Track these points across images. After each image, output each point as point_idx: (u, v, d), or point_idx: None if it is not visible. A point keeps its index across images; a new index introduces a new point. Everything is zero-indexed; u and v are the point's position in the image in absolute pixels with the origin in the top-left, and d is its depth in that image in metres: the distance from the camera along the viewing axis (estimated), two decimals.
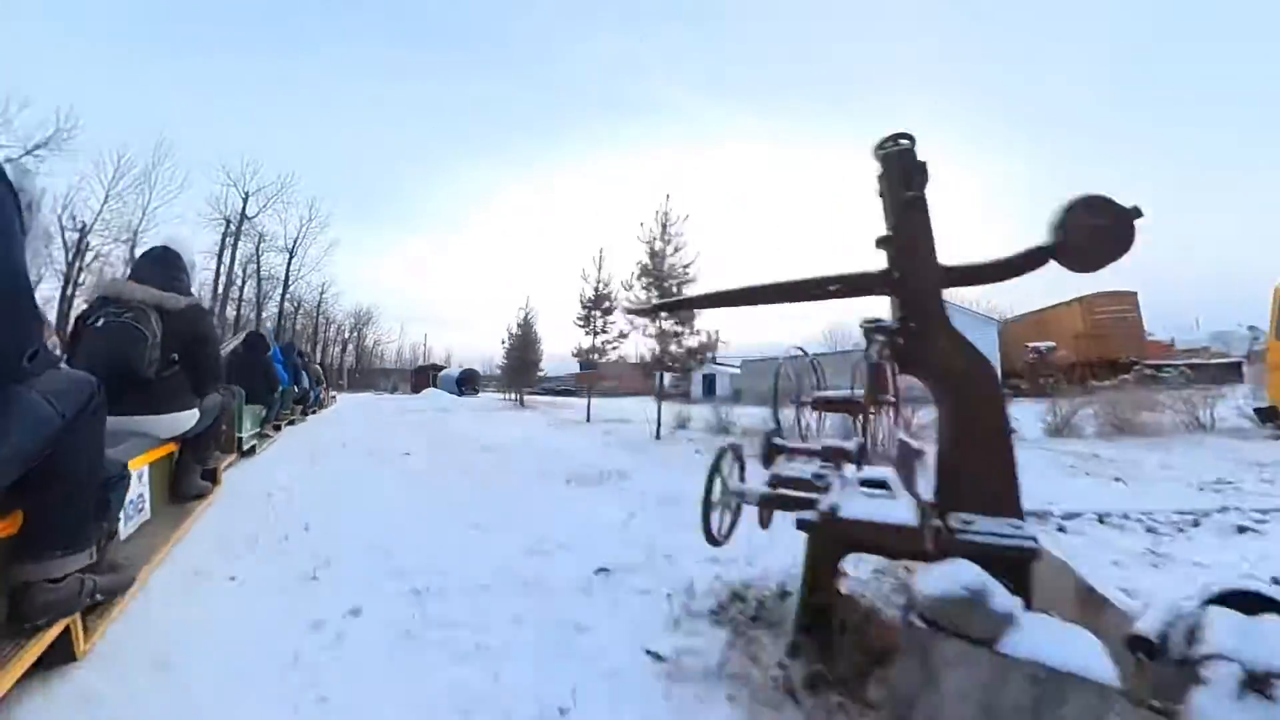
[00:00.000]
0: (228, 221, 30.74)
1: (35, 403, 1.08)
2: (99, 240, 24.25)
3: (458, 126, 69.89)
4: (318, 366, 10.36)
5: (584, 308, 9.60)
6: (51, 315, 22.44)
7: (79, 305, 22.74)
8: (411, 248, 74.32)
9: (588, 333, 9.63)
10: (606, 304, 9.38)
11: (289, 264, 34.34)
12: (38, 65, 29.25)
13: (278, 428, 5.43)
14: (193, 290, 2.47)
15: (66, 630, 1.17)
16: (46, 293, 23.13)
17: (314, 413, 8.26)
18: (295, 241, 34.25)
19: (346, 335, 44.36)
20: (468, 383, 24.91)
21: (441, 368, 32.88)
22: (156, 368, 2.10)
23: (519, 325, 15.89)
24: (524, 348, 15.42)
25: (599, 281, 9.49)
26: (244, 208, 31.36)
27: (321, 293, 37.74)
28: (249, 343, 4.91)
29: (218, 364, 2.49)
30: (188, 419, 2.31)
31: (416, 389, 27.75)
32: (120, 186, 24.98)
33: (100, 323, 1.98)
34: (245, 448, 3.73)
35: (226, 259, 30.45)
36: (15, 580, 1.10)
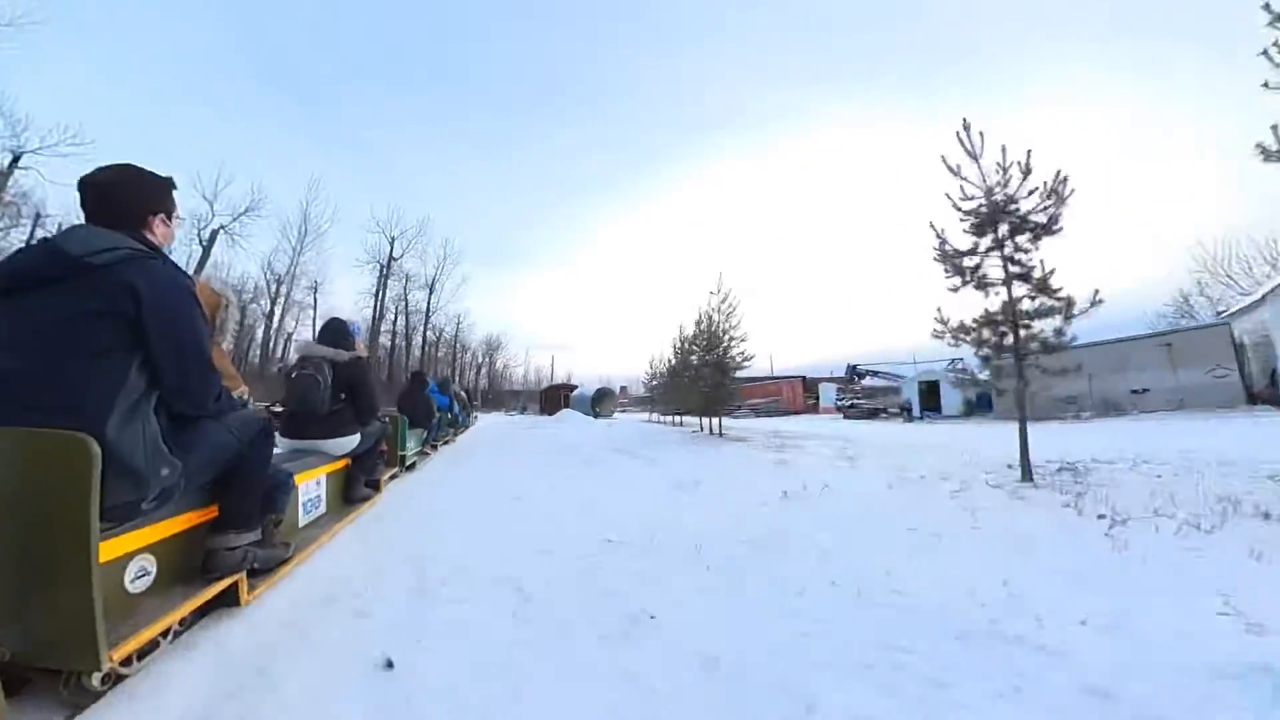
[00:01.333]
0: (380, 266, 38.59)
1: (219, 431, 1.68)
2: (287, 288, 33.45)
3: (562, 171, 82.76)
4: (463, 393, 12.23)
5: (972, 229, 4.61)
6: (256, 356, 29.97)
7: (292, 349, 30.78)
8: (530, 281, 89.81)
9: (966, 281, 4.66)
10: (1018, 216, 4.36)
11: (429, 299, 42.05)
12: (235, 147, 43.15)
13: (435, 447, 6.77)
14: (356, 345, 3.36)
15: (236, 584, 1.76)
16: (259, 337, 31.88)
17: (462, 433, 10.03)
18: (433, 278, 41.99)
19: (480, 361, 52.89)
20: (602, 402, 24.91)
21: (572, 387, 33.25)
22: (329, 405, 2.92)
23: (706, 317, 10.20)
24: (711, 346, 9.86)
25: (999, 168, 4.45)
26: (391, 250, 39.34)
27: (458, 323, 45.65)
28: (413, 380, 6.36)
29: (374, 400, 3.30)
30: (352, 441, 3.13)
31: (548, 410, 28.19)
32: (304, 246, 34.23)
33: (295, 375, 2.89)
34: (408, 464, 4.76)
35: (380, 297, 38.50)
36: (209, 546, 1.71)
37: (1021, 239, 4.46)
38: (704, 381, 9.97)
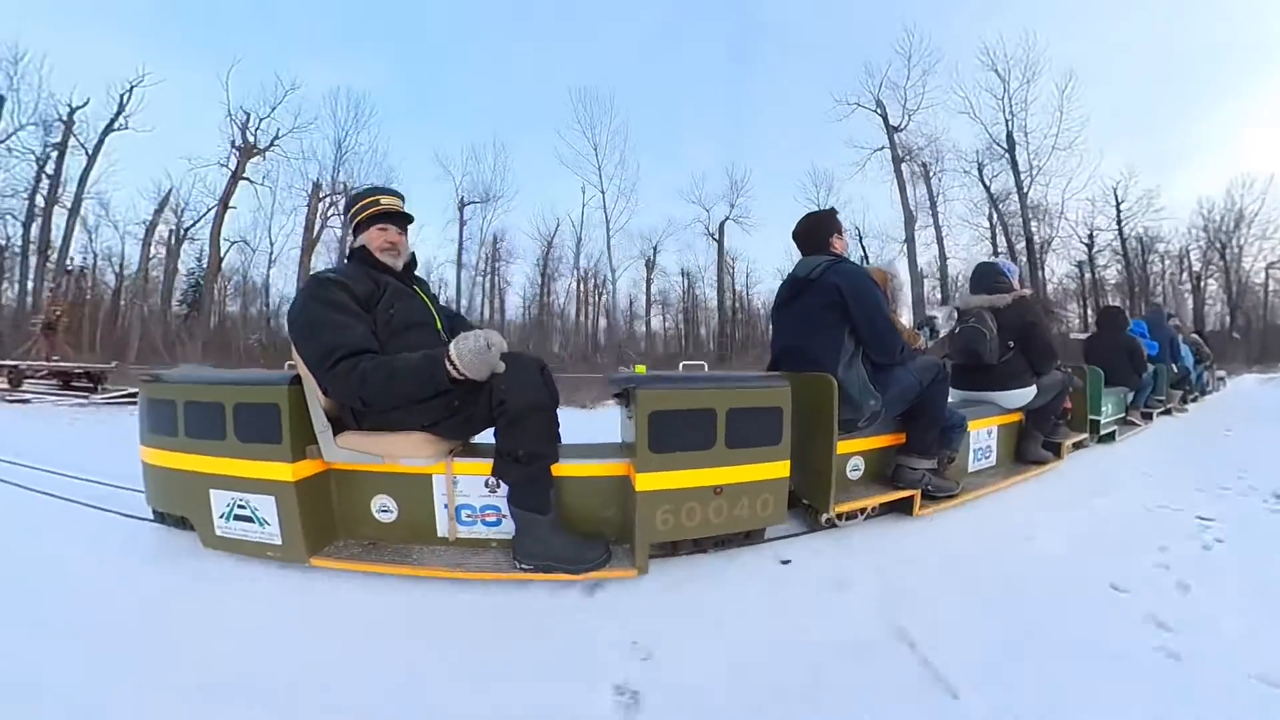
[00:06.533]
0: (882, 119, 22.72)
1: (905, 374, 2.14)
2: None
3: None
4: (1197, 337, 7.46)
5: None
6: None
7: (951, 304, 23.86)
8: None
9: None
10: None
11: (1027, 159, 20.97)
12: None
13: (1148, 416, 4.86)
14: (1015, 285, 3.06)
15: (912, 498, 2.23)
16: None
17: (1195, 400, 6.17)
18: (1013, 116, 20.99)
19: (1199, 266, 23.45)
20: None
21: None
22: (997, 355, 2.90)
23: None
24: None
25: None
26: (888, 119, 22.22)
27: (1115, 195, 21.46)
28: (1103, 320, 4.75)
29: (1048, 345, 2.95)
30: (1026, 395, 2.96)
31: None
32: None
33: (958, 329, 3.00)
34: (1102, 433, 3.86)
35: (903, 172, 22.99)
36: (897, 463, 2.25)
37: None
38: None
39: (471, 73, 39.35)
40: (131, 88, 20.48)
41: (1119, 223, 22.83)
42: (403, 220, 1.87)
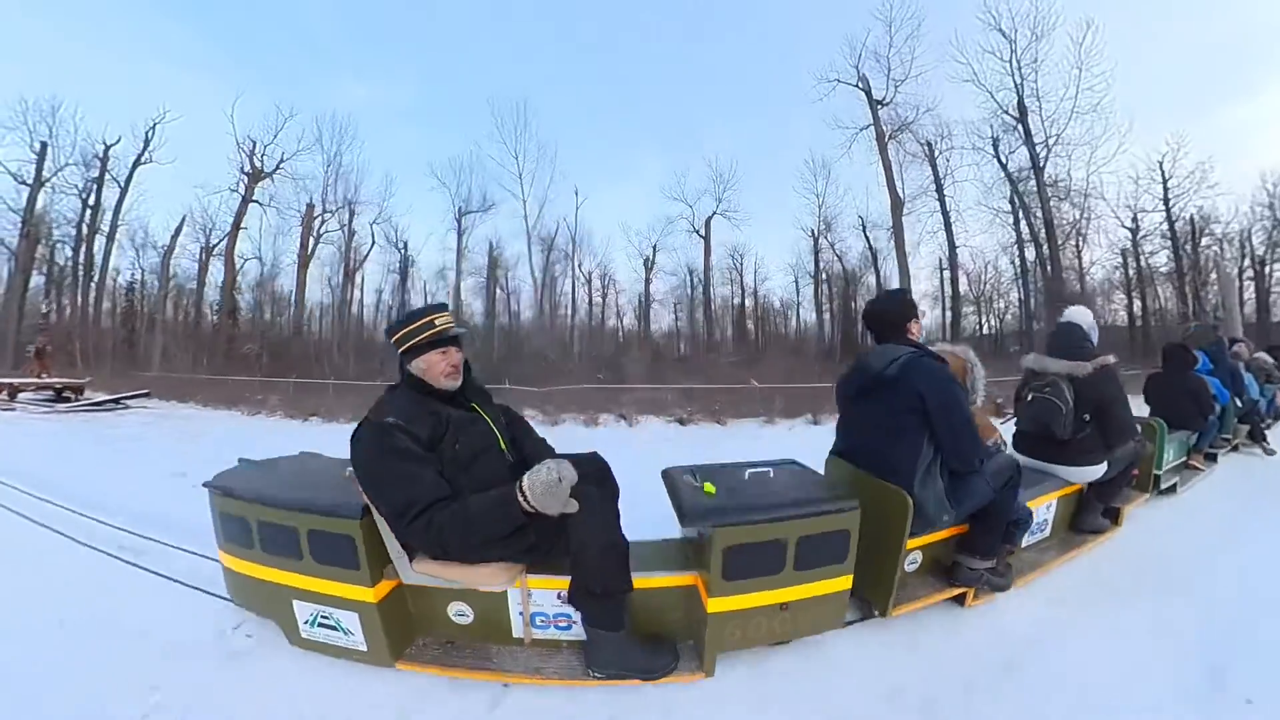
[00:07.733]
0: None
1: (979, 482, 2.07)
2: None
3: None
4: (1264, 354, 6.44)
5: None
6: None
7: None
8: None
9: None
10: None
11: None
12: None
13: (1212, 457, 4.55)
14: (1094, 342, 2.83)
15: (965, 594, 2.21)
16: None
17: (1268, 428, 5.47)
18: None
19: (1260, 250, 19.70)
20: None
21: None
22: (1070, 430, 2.71)
23: None
24: None
25: None
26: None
27: (1163, 176, 18.42)
28: (1168, 359, 4.35)
29: (1127, 421, 2.78)
30: (1095, 471, 2.81)
31: None
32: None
33: (1030, 397, 2.84)
34: (1162, 486, 3.66)
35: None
36: (955, 558, 2.21)
37: None
38: None
39: (472, 78, 39.18)
40: (154, 125, 23.21)
41: (1166, 202, 20.09)
42: (459, 339, 1.77)
